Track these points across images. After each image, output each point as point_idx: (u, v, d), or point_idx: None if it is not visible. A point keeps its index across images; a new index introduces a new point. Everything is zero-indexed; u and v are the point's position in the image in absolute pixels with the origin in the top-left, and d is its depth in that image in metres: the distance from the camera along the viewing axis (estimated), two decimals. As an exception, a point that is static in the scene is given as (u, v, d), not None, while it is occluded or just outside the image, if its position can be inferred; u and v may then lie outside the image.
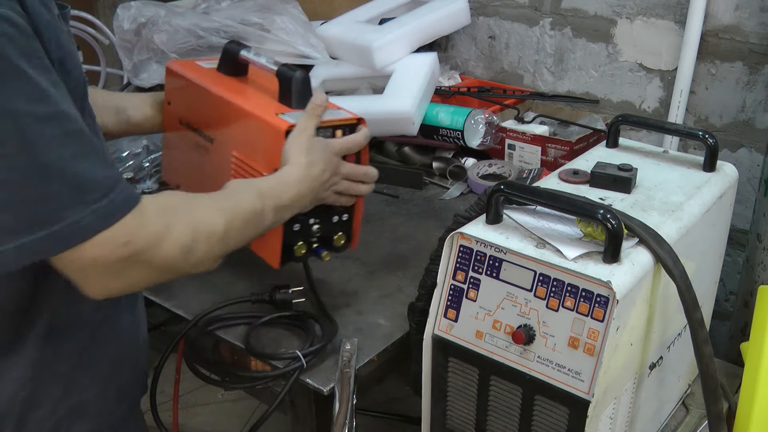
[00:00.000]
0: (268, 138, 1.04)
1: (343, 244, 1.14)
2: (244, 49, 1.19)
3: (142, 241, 0.76)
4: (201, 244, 0.82)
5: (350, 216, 1.13)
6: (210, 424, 2.27)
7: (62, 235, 0.70)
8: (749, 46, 1.58)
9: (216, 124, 1.16)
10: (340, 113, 1.10)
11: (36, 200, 0.69)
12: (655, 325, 0.96)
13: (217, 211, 0.87)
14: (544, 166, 1.62)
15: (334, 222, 1.11)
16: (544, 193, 0.95)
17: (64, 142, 0.70)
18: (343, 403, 0.99)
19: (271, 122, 1.05)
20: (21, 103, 0.67)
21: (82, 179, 0.71)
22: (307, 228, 1.09)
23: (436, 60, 1.77)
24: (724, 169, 1.14)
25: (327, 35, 1.81)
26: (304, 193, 0.99)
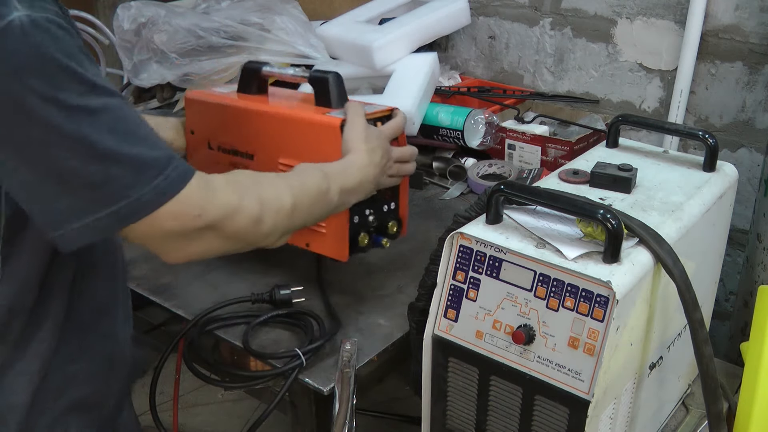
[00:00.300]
0: (322, 137, 1.10)
1: (396, 230, 1.20)
2: (265, 65, 1.23)
3: (214, 213, 0.82)
4: (269, 217, 0.87)
5: (397, 204, 1.19)
6: (210, 424, 2.27)
7: (125, 213, 0.76)
8: (749, 46, 1.58)
9: (256, 139, 1.19)
10: (374, 107, 1.16)
11: (99, 183, 0.74)
12: (655, 325, 0.96)
13: (286, 188, 0.91)
14: (544, 166, 1.62)
15: (384, 211, 1.17)
16: (544, 193, 0.95)
17: (118, 129, 0.75)
18: (343, 403, 0.99)
19: (324, 121, 1.10)
20: (74, 99, 0.72)
21: (139, 160, 0.76)
22: (364, 219, 1.14)
23: (436, 60, 1.77)
24: (724, 169, 1.14)
25: (327, 35, 1.81)
26: (368, 179, 1.04)
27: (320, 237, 1.15)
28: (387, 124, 1.13)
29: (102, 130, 0.73)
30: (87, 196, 0.74)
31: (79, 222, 0.75)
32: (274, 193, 0.90)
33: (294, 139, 1.14)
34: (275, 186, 0.91)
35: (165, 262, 0.85)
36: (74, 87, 0.72)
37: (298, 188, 0.93)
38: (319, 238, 1.15)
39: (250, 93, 1.25)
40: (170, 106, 1.85)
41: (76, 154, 0.73)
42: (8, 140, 0.71)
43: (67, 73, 0.71)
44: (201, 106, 1.27)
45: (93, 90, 0.73)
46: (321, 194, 0.96)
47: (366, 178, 1.04)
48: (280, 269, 1.25)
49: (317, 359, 1.05)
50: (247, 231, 0.86)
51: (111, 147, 0.74)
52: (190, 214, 0.80)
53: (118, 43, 1.76)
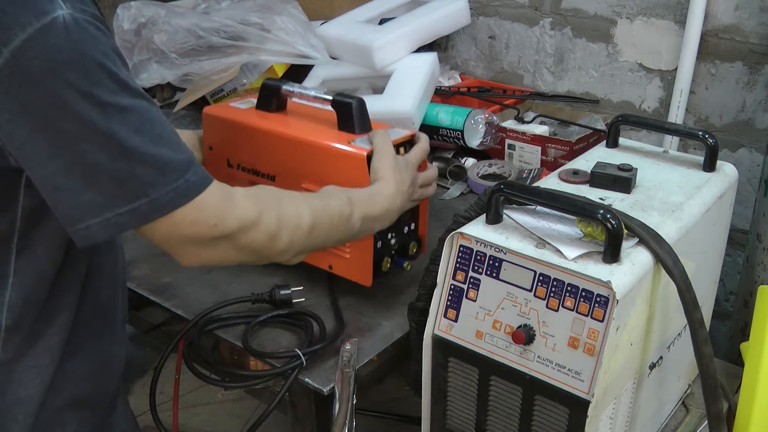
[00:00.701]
0: (347, 167, 1.10)
1: (416, 251, 1.22)
2: (286, 84, 1.23)
3: (231, 225, 0.84)
4: (285, 234, 0.89)
5: (416, 224, 1.21)
6: (210, 424, 2.27)
7: (144, 210, 0.78)
8: (749, 46, 1.58)
9: (279, 161, 1.19)
10: (397, 132, 1.16)
11: (122, 180, 0.76)
12: (655, 325, 0.96)
13: (307, 208, 0.93)
14: (544, 166, 1.62)
15: (405, 232, 1.18)
16: (544, 193, 0.95)
17: (144, 129, 0.77)
18: (343, 403, 0.99)
19: (350, 152, 1.10)
20: (107, 96, 0.74)
21: (162, 161, 0.78)
22: (387, 243, 1.15)
23: (436, 60, 1.77)
24: (724, 169, 1.14)
25: (327, 35, 1.81)
26: (394, 207, 1.05)
27: (344, 261, 1.16)
28: (413, 151, 1.14)
29: (130, 129, 0.75)
30: (110, 192, 0.76)
31: (100, 217, 0.77)
32: (295, 211, 0.91)
33: (318, 166, 1.14)
34: (296, 204, 0.92)
35: (165, 263, 0.86)
36: (108, 84, 0.74)
37: (320, 210, 0.94)
38: (343, 263, 1.16)
39: (269, 110, 1.24)
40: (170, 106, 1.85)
41: (104, 149, 0.75)
42: (42, 131, 0.73)
43: (103, 71, 0.74)
44: (219, 123, 1.25)
45: (125, 89, 0.76)
46: (343, 219, 0.97)
47: (392, 206, 1.05)
48: (280, 269, 1.25)
49: (317, 359, 1.05)
50: (262, 246, 0.87)
51: (137, 145, 0.76)
52: (207, 221, 0.82)
53: (118, 43, 1.76)
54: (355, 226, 0.99)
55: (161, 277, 1.25)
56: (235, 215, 0.84)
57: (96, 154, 0.75)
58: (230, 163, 1.26)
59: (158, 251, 1.33)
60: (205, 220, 0.82)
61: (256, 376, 1.07)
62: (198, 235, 0.82)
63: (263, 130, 1.20)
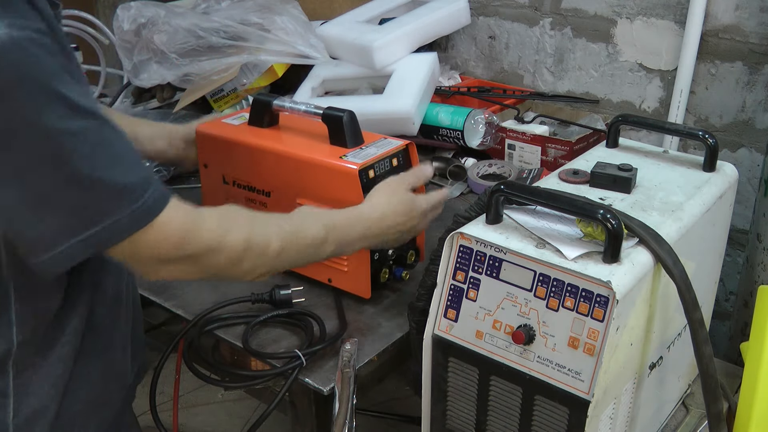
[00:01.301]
0: (340, 182, 1.10)
1: (414, 260, 1.21)
2: (276, 99, 1.22)
3: (194, 247, 0.83)
4: (249, 259, 0.87)
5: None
6: (210, 424, 2.27)
7: (101, 237, 0.76)
8: (749, 46, 1.58)
9: (273, 177, 1.19)
10: (390, 142, 1.16)
11: (77, 207, 0.74)
12: (655, 325, 0.96)
13: (277, 231, 0.91)
14: (544, 166, 1.62)
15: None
16: (544, 193, 0.95)
17: (97, 153, 0.74)
18: (343, 403, 0.99)
19: (342, 167, 1.10)
20: (54, 121, 0.70)
21: (117, 185, 0.75)
22: (384, 254, 1.16)
23: (436, 60, 1.77)
24: (724, 169, 1.14)
25: (327, 35, 1.81)
26: (369, 236, 1.03)
27: (343, 275, 1.16)
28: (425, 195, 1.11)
29: (82, 154, 0.72)
30: (65, 221, 0.74)
31: (58, 247, 0.74)
32: (263, 236, 0.89)
33: (310, 181, 1.14)
34: (266, 228, 0.91)
35: None
36: (55, 108, 0.70)
37: (290, 234, 0.92)
38: (342, 276, 1.17)
39: (261, 126, 1.24)
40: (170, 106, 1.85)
41: (56, 178, 0.72)
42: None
43: (48, 94, 0.70)
44: (213, 141, 1.25)
45: (74, 111, 0.72)
46: (315, 242, 0.96)
47: (367, 235, 1.02)
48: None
49: (317, 359, 1.05)
50: (224, 268, 0.86)
51: (90, 171, 0.73)
52: (168, 242, 0.80)
53: (118, 43, 1.76)
54: (327, 250, 0.98)
55: (161, 277, 1.25)
56: (198, 238, 0.83)
57: (47, 184, 0.72)
58: (226, 179, 1.26)
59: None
60: (166, 241, 0.80)
61: (256, 376, 1.07)
62: (159, 255, 0.81)
63: (255, 146, 1.20)
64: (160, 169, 1.54)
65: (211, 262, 0.85)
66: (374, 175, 1.11)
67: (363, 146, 1.15)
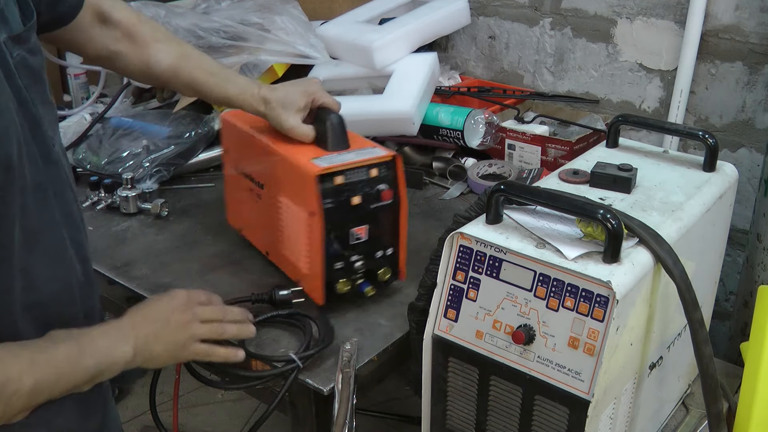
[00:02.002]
0: (302, 182, 1.08)
1: (390, 278, 1.16)
2: None
3: None
4: (1, 402, 0.76)
5: (396, 250, 1.16)
6: (210, 424, 2.27)
7: None
8: (749, 46, 1.58)
9: (264, 170, 1.21)
10: (376, 152, 1.13)
11: None
12: (655, 325, 0.96)
13: (28, 366, 0.79)
14: (544, 166, 1.62)
15: (378, 257, 1.14)
16: (544, 193, 0.95)
17: None
18: (343, 403, 0.99)
19: (304, 167, 1.08)
20: None
21: None
22: (349, 265, 1.12)
23: (436, 60, 1.77)
24: (724, 169, 1.14)
25: (327, 35, 1.81)
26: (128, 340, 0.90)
27: (304, 278, 1.15)
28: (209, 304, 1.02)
29: None
30: None
31: None
32: (15, 374, 0.77)
33: (285, 180, 1.14)
34: (18, 364, 0.78)
35: (165, 263, 0.84)
36: None
37: (42, 364, 0.80)
38: (303, 280, 1.16)
39: None
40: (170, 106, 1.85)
41: None
42: None
43: None
44: (230, 129, 1.29)
45: None
46: (70, 360, 0.83)
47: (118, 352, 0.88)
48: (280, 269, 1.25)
49: (317, 359, 1.05)
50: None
51: None
52: None
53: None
54: (85, 363, 0.84)
55: (161, 277, 1.25)
56: None
57: None
58: (237, 167, 1.29)
59: (158, 251, 1.34)
60: None
61: (256, 376, 1.07)
62: None
63: (255, 138, 1.21)
64: (160, 169, 1.54)
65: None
66: (344, 182, 1.08)
67: (345, 151, 1.12)
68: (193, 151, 1.62)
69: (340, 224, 1.09)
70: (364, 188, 1.10)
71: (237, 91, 1.19)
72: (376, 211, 1.11)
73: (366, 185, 1.10)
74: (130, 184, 1.48)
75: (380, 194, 1.10)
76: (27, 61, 0.82)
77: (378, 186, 1.10)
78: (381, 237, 1.13)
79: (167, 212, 1.47)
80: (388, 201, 1.11)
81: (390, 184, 1.12)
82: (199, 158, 1.65)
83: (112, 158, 1.56)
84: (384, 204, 1.11)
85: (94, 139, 1.64)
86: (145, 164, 1.54)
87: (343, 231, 1.10)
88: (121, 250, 1.34)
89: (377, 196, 1.10)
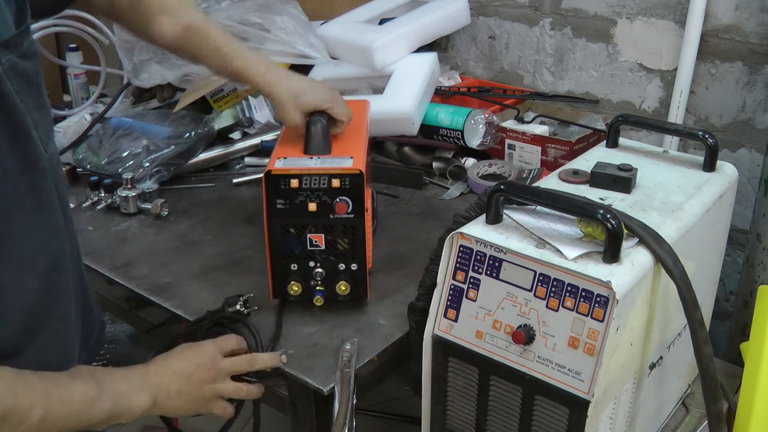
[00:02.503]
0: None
1: (348, 293, 1.13)
2: None
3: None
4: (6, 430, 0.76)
5: (361, 266, 1.13)
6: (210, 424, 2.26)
7: None
8: (749, 46, 1.58)
9: None
10: (345, 162, 1.11)
11: None
12: (655, 325, 0.96)
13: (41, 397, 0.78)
14: (544, 166, 1.62)
15: (340, 269, 1.12)
16: (544, 193, 0.95)
17: None
18: (343, 403, 0.99)
19: (268, 164, 1.09)
20: None
21: None
22: (305, 269, 1.12)
23: (436, 60, 1.77)
24: (724, 169, 1.14)
25: (327, 35, 1.81)
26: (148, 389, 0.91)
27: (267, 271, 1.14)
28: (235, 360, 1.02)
29: None
30: None
31: None
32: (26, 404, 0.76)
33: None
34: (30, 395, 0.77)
35: (165, 263, 0.83)
36: None
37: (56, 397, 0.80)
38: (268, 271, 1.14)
39: None
40: (170, 106, 1.85)
41: None
42: None
43: None
44: None
45: None
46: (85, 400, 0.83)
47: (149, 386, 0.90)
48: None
49: (317, 359, 1.05)
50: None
51: None
52: None
53: (118, 43, 1.76)
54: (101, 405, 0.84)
55: (161, 277, 1.25)
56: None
57: None
58: None
59: (158, 251, 1.34)
60: None
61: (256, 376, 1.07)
62: None
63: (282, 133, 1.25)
64: (160, 169, 1.54)
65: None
66: (299, 186, 1.07)
67: (321, 156, 1.12)
68: (193, 151, 1.62)
69: (296, 227, 1.09)
70: (322, 197, 1.08)
71: (242, 65, 1.17)
72: (336, 223, 1.09)
73: (325, 194, 1.08)
74: (130, 184, 1.48)
75: (335, 206, 1.08)
76: (18, 66, 0.79)
77: (339, 197, 1.08)
78: (343, 250, 1.11)
79: (167, 212, 1.47)
80: (343, 215, 1.08)
81: (351, 199, 1.08)
82: (199, 158, 1.65)
83: (112, 158, 1.56)
84: (344, 218, 1.09)
85: (94, 139, 1.64)
86: (145, 164, 1.54)
87: (300, 234, 1.09)
88: (121, 250, 1.34)
89: (333, 208, 1.08)
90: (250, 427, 1.13)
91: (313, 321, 1.14)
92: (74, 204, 1.50)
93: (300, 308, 1.16)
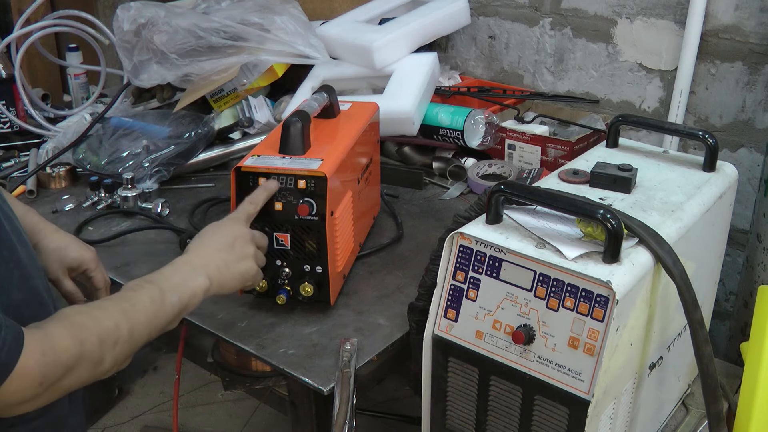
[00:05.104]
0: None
1: (312, 295, 1.13)
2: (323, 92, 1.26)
3: (56, 374, 0.77)
4: (109, 354, 0.82)
5: (325, 269, 1.12)
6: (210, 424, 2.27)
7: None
8: (749, 46, 1.58)
9: None
10: (312, 164, 1.10)
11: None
12: (655, 325, 0.96)
13: (120, 314, 0.85)
14: (544, 166, 1.62)
15: (306, 270, 1.12)
16: (544, 193, 0.95)
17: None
18: (343, 403, 0.99)
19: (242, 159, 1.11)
20: None
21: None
22: (274, 268, 1.12)
23: (436, 60, 1.77)
24: (724, 169, 1.14)
25: (327, 35, 1.81)
26: (196, 269, 0.96)
27: None
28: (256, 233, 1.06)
29: None
30: None
31: None
32: (111, 324, 0.83)
33: None
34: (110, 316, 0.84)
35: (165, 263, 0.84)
36: None
37: (130, 310, 0.86)
38: None
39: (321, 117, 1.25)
40: (170, 106, 1.85)
41: None
42: None
43: None
44: None
45: None
46: (155, 305, 0.89)
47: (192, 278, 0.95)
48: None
49: (317, 359, 1.05)
50: (89, 377, 0.81)
51: None
52: (31, 385, 0.74)
53: (118, 44, 1.76)
54: (170, 299, 0.91)
55: (161, 277, 1.25)
56: (58, 364, 0.76)
57: None
58: None
59: (158, 251, 1.34)
60: (29, 385, 0.74)
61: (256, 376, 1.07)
62: (24, 398, 0.75)
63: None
64: (160, 169, 1.54)
65: (74, 378, 0.79)
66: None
67: (294, 156, 1.12)
68: (192, 151, 1.62)
69: (261, 224, 1.09)
70: (288, 197, 1.09)
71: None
72: (302, 224, 1.09)
73: (291, 195, 1.09)
74: (130, 184, 1.48)
75: (297, 207, 1.08)
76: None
77: (303, 199, 1.09)
78: (308, 252, 1.11)
79: (167, 212, 1.47)
80: (305, 216, 1.08)
81: (315, 200, 1.08)
82: (199, 158, 1.65)
83: (112, 158, 1.56)
84: (309, 219, 1.09)
85: (94, 139, 1.64)
86: (145, 164, 1.54)
87: (264, 232, 1.09)
88: (121, 250, 1.34)
89: (296, 209, 1.09)
90: (250, 427, 1.13)
91: (313, 321, 1.14)
92: (74, 204, 1.50)
93: (300, 308, 1.16)
